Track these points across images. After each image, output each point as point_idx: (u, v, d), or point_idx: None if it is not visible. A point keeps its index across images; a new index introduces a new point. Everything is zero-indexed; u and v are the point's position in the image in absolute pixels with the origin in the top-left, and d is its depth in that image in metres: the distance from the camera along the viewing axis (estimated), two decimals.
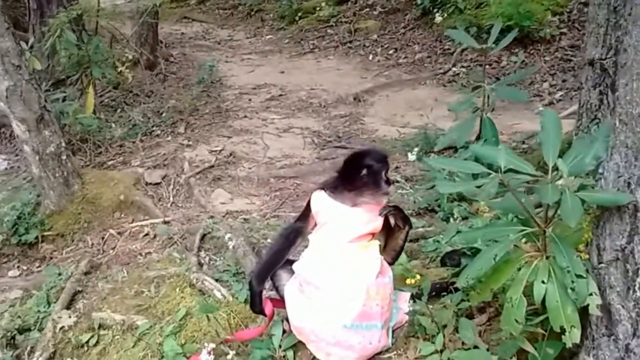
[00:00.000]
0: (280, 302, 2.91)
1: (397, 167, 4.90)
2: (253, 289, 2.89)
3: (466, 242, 3.11)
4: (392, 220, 2.83)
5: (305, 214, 2.94)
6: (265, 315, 2.88)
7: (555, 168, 2.12)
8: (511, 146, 4.77)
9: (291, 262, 2.86)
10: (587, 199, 2.03)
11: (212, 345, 2.73)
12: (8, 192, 4.75)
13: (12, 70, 4.20)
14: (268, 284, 3.04)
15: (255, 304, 2.90)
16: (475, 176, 3.61)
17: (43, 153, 4.37)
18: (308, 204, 2.93)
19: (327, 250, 2.74)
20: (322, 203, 2.86)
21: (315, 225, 2.87)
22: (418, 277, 2.69)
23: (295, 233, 2.92)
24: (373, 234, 2.79)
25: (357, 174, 2.78)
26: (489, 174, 2.08)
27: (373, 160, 2.80)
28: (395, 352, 2.66)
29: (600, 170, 2.12)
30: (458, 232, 3.56)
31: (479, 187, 2.06)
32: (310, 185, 4.88)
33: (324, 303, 2.64)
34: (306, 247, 2.87)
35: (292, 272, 2.83)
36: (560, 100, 6.34)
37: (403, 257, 2.91)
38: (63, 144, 4.52)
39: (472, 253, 2.97)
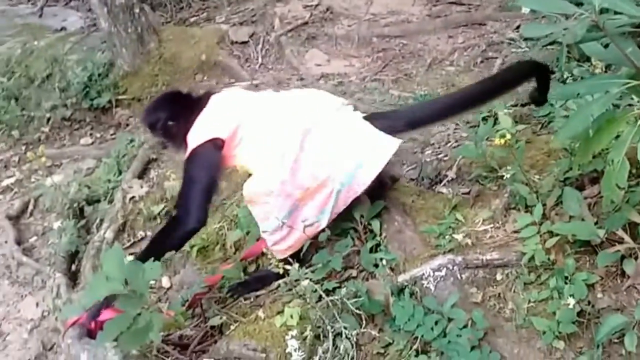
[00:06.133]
0: None
1: (518, 26, 4.31)
2: None
3: (562, 98, 2.88)
4: None
5: None
6: None
7: None
8: None
9: None
10: None
11: None
12: (83, 52, 4.42)
13: None
14: None
15: None
16: None
17: (112, 5, 4.03)
18: None
19: None
20: None
21: None
22: (508, 136, 2.38)
23: None
24: None
25: None
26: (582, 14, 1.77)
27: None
28: (492, 225, 2.50)
29: None
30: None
31: (566, 29, 1.81)
32: (417, 46, 4.44)
33: None
34: None
35: None
36: None
37: (508, 120, 2.60)
38: None
39: None
